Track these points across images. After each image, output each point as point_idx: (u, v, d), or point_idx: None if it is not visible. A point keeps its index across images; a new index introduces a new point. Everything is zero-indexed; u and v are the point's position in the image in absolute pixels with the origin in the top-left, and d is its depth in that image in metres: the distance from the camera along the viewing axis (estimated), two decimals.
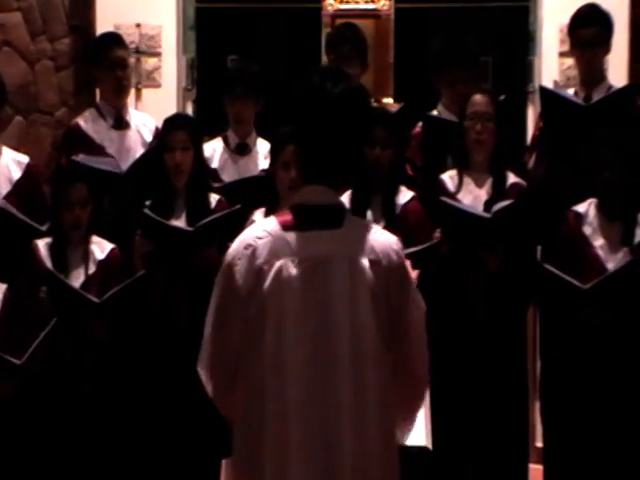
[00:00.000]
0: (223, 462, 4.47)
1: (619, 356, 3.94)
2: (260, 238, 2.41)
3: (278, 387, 2.36)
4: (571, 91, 4.70)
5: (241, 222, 4.17)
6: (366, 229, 2.44)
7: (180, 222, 4.29)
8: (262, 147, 4.83)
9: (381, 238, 2.43)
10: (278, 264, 2.38)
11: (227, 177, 4.73)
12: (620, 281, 3.89)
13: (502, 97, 4.42)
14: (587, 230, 4.09)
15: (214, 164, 4.74)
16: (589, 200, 4.13)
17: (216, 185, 4.51)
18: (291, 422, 2.35)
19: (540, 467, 4.36)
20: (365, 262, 2.38)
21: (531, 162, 4.63)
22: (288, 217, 2.43)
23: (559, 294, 3.97)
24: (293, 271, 2.37)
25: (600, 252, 4.04)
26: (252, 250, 2.40)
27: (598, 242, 4.06)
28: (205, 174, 4.44)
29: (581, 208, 4.13)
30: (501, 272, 4.14)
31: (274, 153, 4.37)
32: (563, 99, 4.45)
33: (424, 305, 2.51)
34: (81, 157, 4.48)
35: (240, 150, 4.84)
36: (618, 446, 3.97)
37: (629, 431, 3.97)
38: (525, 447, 4.36)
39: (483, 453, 4.23)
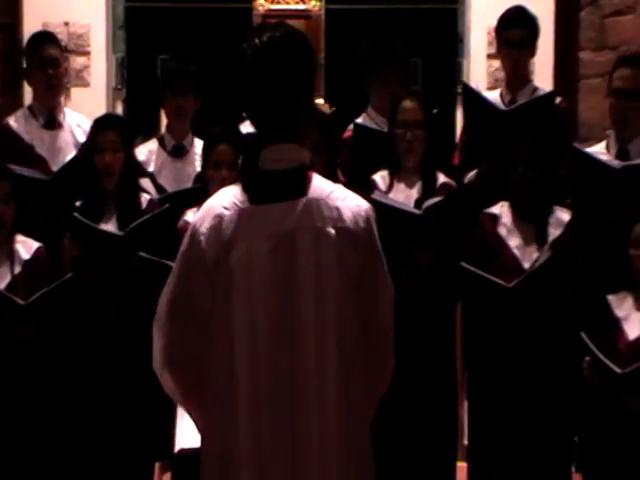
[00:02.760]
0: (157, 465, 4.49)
1: (539, 353, 4.00)
2: (227, 209, 2.42)
3: (248, 360, 2.38)
4: (497, 93, 4.76)
5: (172, 222, 4.16)
6: (332, 194, 2.43)
7: (111, 224, 4.25)
8: (199, 148, 4.80)
9: (349, 203, 2.43)
10: (245, 239, 2.39)
11: (165, 181, 4.68)
12: (542, 278, 3.95)
13: (435, 110, 4.47)
14: (502, 231, 4.14)
15: (151, 167, 4.69)
16: (501, 202, 4.19)
17: (158, 197, 4.46)
18: (259, 388, 2.38)
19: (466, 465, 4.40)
20: (331, 231, 2.39)
21: (459, 159, 4.68)
22: (254, 187, 2.43)
23: (481, 293, 4.02)
24: (260, 245, 2.39)
25: (516, 252, 4.10)
26: (219, 221, 2.41)
27: (514, 242, 4.12)
28: (136, 175, 4.41)
29: (495, 210, 4.18)
30: (431, 269, 4.17)
31: (205, 153, 4.37)
32: (484, 101, 4.51)
33: (392, 288, 2.52)
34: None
35: (177, 152, 4.80)
36: (541, 444, 4.04)
37: (551, 428, 4.04)
38: (454, 445, 4.41)
39: (412, 451, 4.27)
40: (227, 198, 2.44)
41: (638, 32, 5.42)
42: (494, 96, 4.69)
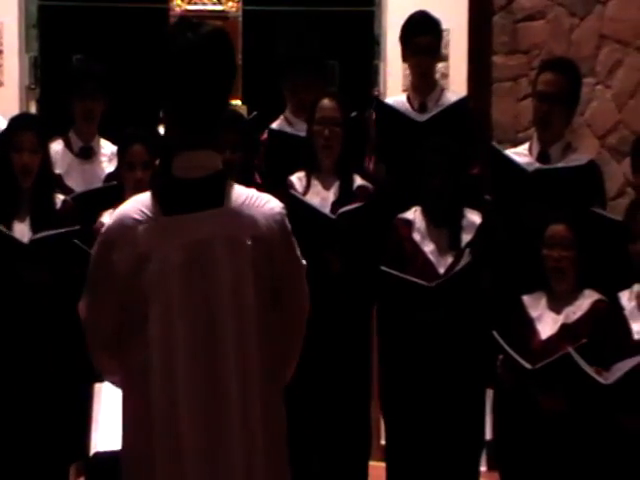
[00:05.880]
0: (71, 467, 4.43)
1: (455, 353, 4.04)
2: (140, 222, 2.36)
3: (164, 374, 2.33)
4: (404, 97, 4.78)
5: (81, 239, 4.07)
6: (248, 202, 2.39)
7: (25, 224, 4.20)
8: (106, 149, 4.75)
9: (263, 210, 2.40)
10: (160, 251, 2.34)
11: (73, 183, 4.62)
12: (462, 280, 4.01)
13: (354, 114, 4.49)
14: (416, 236, 4.20)
15: (57, 169, 4.61)
16: (414, 207, 4.24)
17: (71, 196, 4.40)
18: (179, 409, 2.33)
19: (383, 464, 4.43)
20: (247, 241, 2.35)
21: (371, 166, 4.71)
22: (167, 196, 2.38)
23: (400, 295, 4.05)
24: (175, 257, 2.34)
25: (431, 257, 4.16)
26: (132, 235, 2.35)
27: (428, 247, 4.18)
28: (52, 176, 4.35)
29: (409, 215, 4.24)
30: (343, 274, 4.19)
31: (120, 154, 4.34)
32: (397, 113, 4.55)
33: (304, 263, 2.53)
34: None
35: (84, 154, 4.75)
36: (454, 442, 4.09)
37: (464, 425, 4.09)
38: (366, 445, 4.43)
39: (325, 451, 4.29)
40: (138, 208, 2.38)
41: (549, 37, 5.54)
42: (402, 99, 4.72)
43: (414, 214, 4.24)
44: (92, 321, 2.44)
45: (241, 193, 2.41)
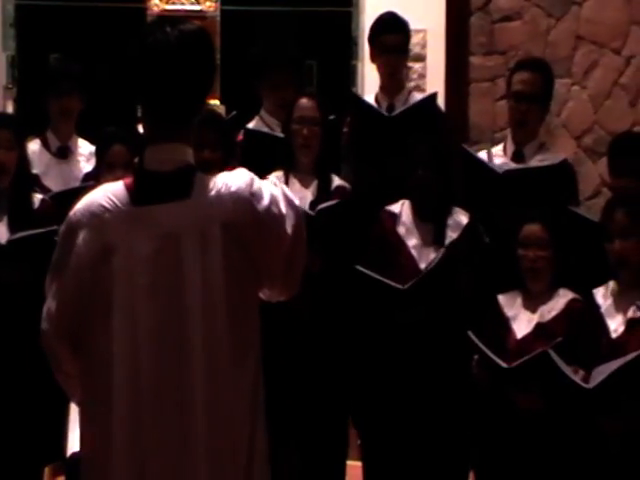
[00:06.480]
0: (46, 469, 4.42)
1: (432, 353, 4.05)
2: (109, 211, 2.35)
3: (129, 368, 2.30)
4: (372, 97, 4.78)
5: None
6: (216, 189, 2.36)
7: (2, 224, 4.19)
8: (84, 149, 4.75)
9: (230, 192, 2.36)
10: (127, 242, 2.32)
11: (50, 182, 4.61)
12: (435, 279, 4.01)
13: (332, 117, 4.51)
14: (401, 230, 4.20)
15: (35, 169, 4.60)
16: (401, 201, 4.24)
17: (49, 195, 4.39)
18: (142, 408, 2.31)
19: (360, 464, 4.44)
20: (216, 231, 2.33)
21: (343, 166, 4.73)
22: (137, 187, 2.37)
23: (374, 296, 4.05)
24: (142, 249, 2.32)
25: (413, 252, 4.16)
26: (99, 222, 2.34)
27: (412, 242, 4.18)
28: (29, 175, 4.34)
29: (395, 208, 4.23)
30: (322, 273, 4.20)
31: (99, 154, 4.33)
32: (369, 107, 4.57)
33: (296, 218, 2.43)
34: None
35: (61, 154, 4.74)
36: (435, 442, 4.10)
37: (440, 427, 4.10)
38: (344, 444, 4.44)
39: (303, 450, 4.30)
40: (107, 197, 2.38)
41: (526, 37, 5.57)
42: (369, 101, 4.74)
43: (401, 207, 4.23)
44: (52, 301, 2.41)
45: (209, 182, 2.39)
